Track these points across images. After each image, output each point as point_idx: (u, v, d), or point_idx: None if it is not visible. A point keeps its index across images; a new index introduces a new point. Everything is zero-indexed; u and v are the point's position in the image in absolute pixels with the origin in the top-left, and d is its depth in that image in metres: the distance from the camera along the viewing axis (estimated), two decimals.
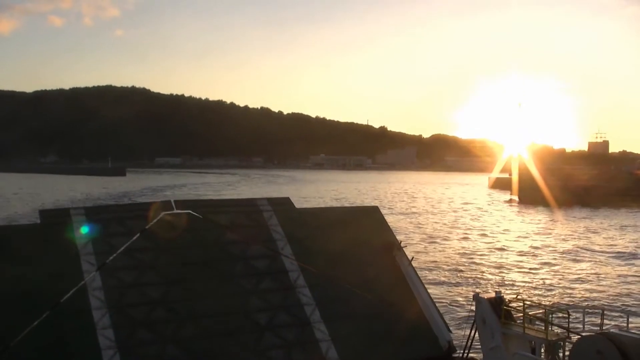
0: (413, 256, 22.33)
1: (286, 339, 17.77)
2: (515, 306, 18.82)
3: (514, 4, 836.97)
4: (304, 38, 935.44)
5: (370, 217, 23.30)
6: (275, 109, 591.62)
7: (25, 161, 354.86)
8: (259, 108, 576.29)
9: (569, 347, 17.37)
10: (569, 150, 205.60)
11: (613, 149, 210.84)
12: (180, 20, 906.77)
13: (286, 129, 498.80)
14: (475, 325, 19.04)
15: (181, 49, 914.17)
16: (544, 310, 18.24)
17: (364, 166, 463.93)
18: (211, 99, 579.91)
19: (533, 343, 17.91)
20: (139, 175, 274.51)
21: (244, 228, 19.95)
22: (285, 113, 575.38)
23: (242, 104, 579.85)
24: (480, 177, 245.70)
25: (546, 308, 18.36)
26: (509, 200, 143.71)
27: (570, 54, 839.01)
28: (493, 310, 18.43)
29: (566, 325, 18.04)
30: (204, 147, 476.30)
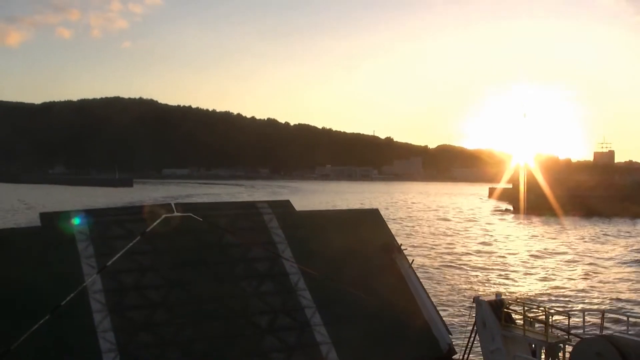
0: (413, 259, 22.33)
1: (287, 341, 17.75)
2: (515, 309, 18.78)
3: (519, 14, 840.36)
4: (310, 49, 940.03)
5: (371, 220, 23.29)
6: (281, 120, 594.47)
7: (33, 172, 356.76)
8: (265, 119, 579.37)
9: (569, 350, 17.29)
10: (574, 160, 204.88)
11: (619, 158, 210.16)
12: (188, 31, 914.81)
13: (293, 140, 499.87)
14: (475, 328, 18.99)
15: (188, 60, 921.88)
16: (544, 313, 18.16)
17: (370, 177, 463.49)
18: (218, 110, 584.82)
19: (533, 345, 17.86)
20: (146, 186, 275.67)
21: (245, 231, 19.94)
22: (291, 124, 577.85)
23: (249, 115, 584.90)
24: (486, 188, 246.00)
25: (546, 310, 18.26)
26: (505, 210, 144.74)
27: (576, 63, 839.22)
28: (493, 313, 18.39)
29: (566, 327, 17.99)
30: (211, 158, 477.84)
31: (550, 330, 17.61)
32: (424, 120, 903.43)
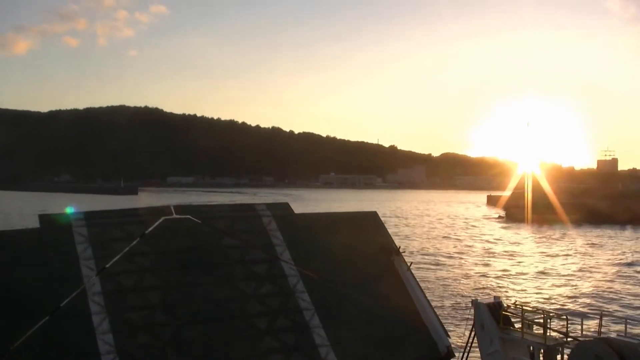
0: (412, 261, 22.32)
1: (285, 343, 17.72)
2: (513, 311, 18.76)
3: (523, 25, 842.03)
4: (315, 59, 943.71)
5: (369, 222, 23.27)
6: (286, 128, 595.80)
7: (39, 180, 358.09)
8: (270, 127, 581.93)
9: (567, 352, 17.26)
10: (578, 168, 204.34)
11: (622, 166, 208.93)
12: (193, 40, 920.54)
13: (297, 149, 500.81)
14: (474, 331, 18.97)
15: (193, 69, 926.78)
16: (542, 315, 18.14)
17: (373, 185, 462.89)
18: (223, 118, 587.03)
19: (532, 348, 17.86)
20: (151, 194, 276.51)
21: (243, 233, 19.95)
22: (296, 132, 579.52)
23: (254, 124, 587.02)
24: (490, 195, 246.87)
25: (544, 313, 18.23)
26: (498, 217, 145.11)
27: (580, 72, 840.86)
28: (492, 316, 18.38)
29: (564, 330, 17.95)
30: (215, 167, 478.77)
31: (548, 333, 17.57)
32: (428, 128, 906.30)
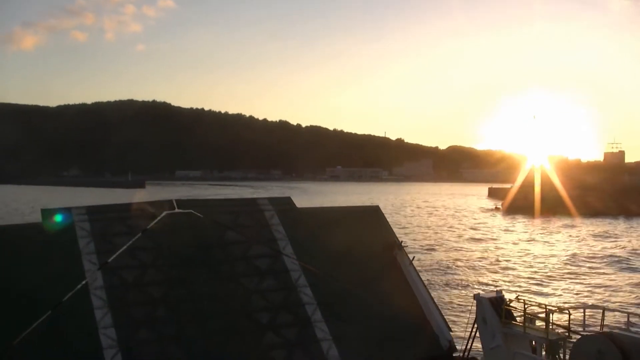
0: (414, 256, 22.30)
1: (287, 338, 17.76)
2: (515, 306, 18.70)
3: (531, 19, 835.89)
4: (321, 52, 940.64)
5: (371, 217, 23.24)
6: (293, 122, 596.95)
7: (47, 174, 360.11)
8: (277, 121, 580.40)
9: (569, 347, 17.20)
10: (584, 161, 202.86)
11: (629, 158, 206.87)
12: (201, 34, 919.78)
13: (304, 142, 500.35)
14: (476, 325, 18.93)
15: (201, 63, 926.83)
16: (544, 310, 18.06)
17: (380, 178, 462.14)
18: (230, 112, 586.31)
19: (534, 342, 17.80)
20: (158, 187, 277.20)
21: (246, 228, 19.97)
22: (303, 126, 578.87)
23: (261, 117, 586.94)
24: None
25: (547, 307, 18.16)
26: (496, 207, 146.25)
27: (587, 65, 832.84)
28: (494, 310, 18.33)
29: (567, 324, 17.88)
30: (223, 160, 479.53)
31: (550, 327, 17.51)
32: (435, 122, 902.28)
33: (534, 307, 19.08)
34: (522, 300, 19.01)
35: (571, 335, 17.52)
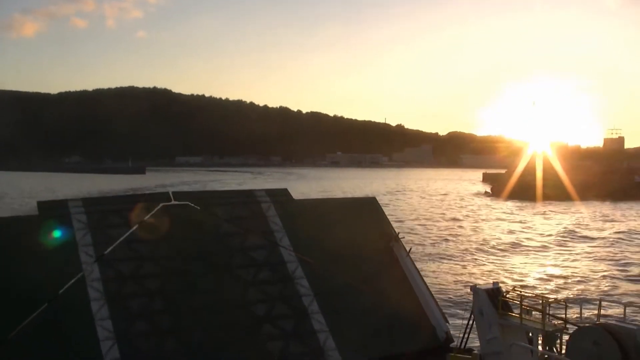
0: (411, 247, 22.26)
1: (284, 329, 17.78)
2: (512, 297, 18.68)
3: (532, 6, 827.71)
4: (322, 38, 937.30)
5: (368, 208, 23.20)
6: (294, 108, 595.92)
7: (48, 161, 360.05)
8: (277, 107, 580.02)
9: (566, 338, 17.21)
10: (584, 147, 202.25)
11: (629, 144, 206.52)
12: (202, 21, 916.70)
13: (304, 128, 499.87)
14: (472, 316, 18.91)
15: (202, 50, 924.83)
16: (541, 301, 18.04)
17: (379, 164, 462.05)
18: (231, 98, 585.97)
19: (530, 334, 17.78)
20: (158, 173, 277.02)
21: (242, 219, 19.93)
22: (304, 112, 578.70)
23: (262, 104, 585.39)
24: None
25: (543, 299, 18.14)
26: (485, 192, 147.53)
27: (587, 52, 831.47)
28: (490, 301, 18.28)
29: (563, 316, 17.88)
30: (224, 146, 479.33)
31: (547, 319, 17.50)
32: (435, 108, 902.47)
33: (531, 299, 19.07)
34: (519, 291, 18.97)
35: (567, 326, 17.52)
